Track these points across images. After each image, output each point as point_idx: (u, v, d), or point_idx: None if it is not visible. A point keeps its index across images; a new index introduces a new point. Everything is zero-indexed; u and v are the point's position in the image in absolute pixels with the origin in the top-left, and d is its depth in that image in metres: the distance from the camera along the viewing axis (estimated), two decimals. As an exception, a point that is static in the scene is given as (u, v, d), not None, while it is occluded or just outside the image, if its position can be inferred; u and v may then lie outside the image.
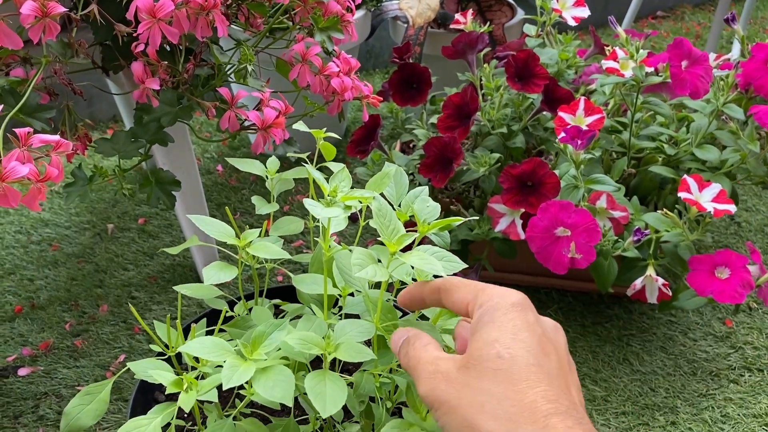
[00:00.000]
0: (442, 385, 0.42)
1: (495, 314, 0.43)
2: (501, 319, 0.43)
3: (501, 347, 0.41)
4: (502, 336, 0.42)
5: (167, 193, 0.87)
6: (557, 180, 0.96)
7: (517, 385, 0.39)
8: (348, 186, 0.59)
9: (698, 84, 1.01)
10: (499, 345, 0.41)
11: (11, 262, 1.34)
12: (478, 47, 1.17)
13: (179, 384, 0.53)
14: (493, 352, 0.41)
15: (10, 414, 1.03)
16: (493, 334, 0.42)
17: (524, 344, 0.41)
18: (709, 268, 0.96)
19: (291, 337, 0.50)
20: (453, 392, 0.41)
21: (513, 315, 0.43)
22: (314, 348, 0.50)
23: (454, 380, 0.42)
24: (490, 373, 0.40)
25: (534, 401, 0.38)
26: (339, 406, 0.47)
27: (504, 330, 0.42)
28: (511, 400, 0.39)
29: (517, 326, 0.42)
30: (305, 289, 0.60)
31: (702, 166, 1.10)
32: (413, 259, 0.48)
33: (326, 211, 0.52)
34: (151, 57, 0.76)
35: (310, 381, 0.48)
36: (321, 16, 0.86)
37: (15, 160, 0.59)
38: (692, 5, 2.90)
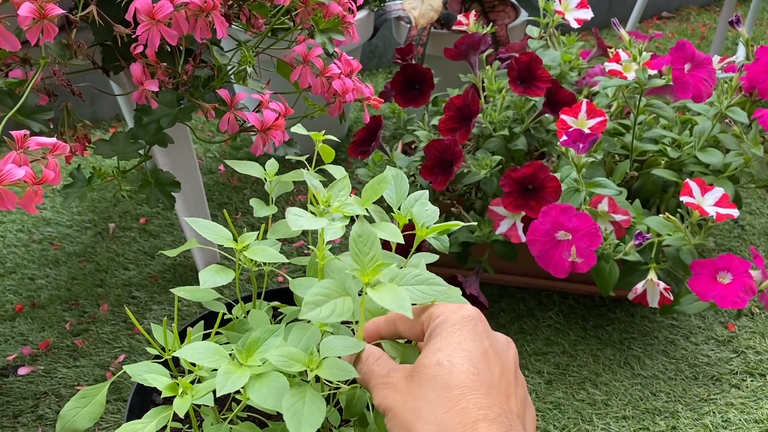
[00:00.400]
0: (391, 393, 0.44)
1: (443, 326, 0.45)
2: (448, 330, 0.45)
3: (442, 355, 0.43)
4: (445, 345, 0.44)
5: (167, 194, 0.87)
6: (558, 184, 0.96)
7: (452, 392, 0.41)
8: (347, 194, 0.59)
9: (701, 87, 1.00)
10: (441, 354, 0.43)
11: (12, 261, 1.34)
12: (480, 48, 1.16)
13: (174, 388, 0.53)
14: (434, 360, 0.43)
15: (10, 413, 1.03)
16: (437, 344, 0.44)
17: (466, 353, 0.43)
18: (711, 272, 0.96)
19: (273, 354, 0.49)
20: (398, 399, 0.43)
21: (461, 326, 0.45)
22: (296, 365, 0.49)
23: (400, 389, 0.44)
24: (429, 379, 0.42)
25: (465, 408, 0.40)
26: (315, 428, 0.46)
27: (449, 340, 0.44)
28: (444, 407, 0.40)
29: (463, 336, 0.44)
30: (302, 293, 0.59)
31: (705, 169, 1.10)
32: (386, 298, 0.46)
33: (310, 222, 0.51)
34: (150, 58, 0.75)
35: (288, 399, 0.47)
36: (322, 17, 0.86)
37: (11, 162, 0.59)
38: (698, 6, 2.88)
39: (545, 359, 1.13)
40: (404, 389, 0.44)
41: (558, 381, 1.09)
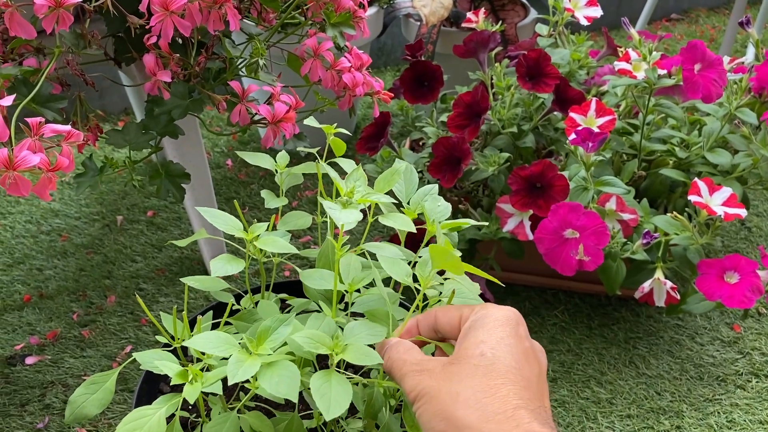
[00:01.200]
0: (426, 379, 0.44)
1: (486, 320, 0.46)
2: (491, 325, 0.46)
3: (486, 347, 0.44)
4: (488, 338, 0.45)
5: (177, 185, 0.87)
6: (566, 183, 0.96)
7: (494, 381, 0.42)
8: (363, 185, 0.59)
9: (711, 88, 1.00)
10: (484, 345, 0.44)
11: (21, 252, 1.34)
12: (489, 46, 1.16)
13: (184, 375, 0.53)
14: (477, 351, 0.44)
15: (17, 402, 1.03)
16: (480, 336, 0.45)
17: (509, 349, 0.44)
18: (718, 272, 0.96)
19: (300, 335, 0.50)
20: (434, 384, 0.44)
21: (504, 323, 0.46)
22: (322, 347, 0.50)
23: (437, 375, 0.44)
24: (471, 368, 0.43)
25: (506, 395, 0.41)
26: (344, 408, 0.47)
27: (492, 334, 0.45)
28: (485, 392, 0.41)
29: (506, 333, 0.45)
30: (312, 284, 0.60)
31: (713, 169, 1.10)
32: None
33: (346, 214, 0.51)
34: (163, 49, 0.76)
35: (316, 381, 0.48)
36: (333, 11, 0.86)
37: (26, 149, 0.59)
38: (707, 8, 2.88)
39: (550, 357, 1.13)
40: (441, 376, 0.44)
41: (563, 379, 1.09)
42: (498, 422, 0.40)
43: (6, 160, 0.58)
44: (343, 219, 0.51)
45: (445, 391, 0.43)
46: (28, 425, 1.00)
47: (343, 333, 0.53)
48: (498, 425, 0.40)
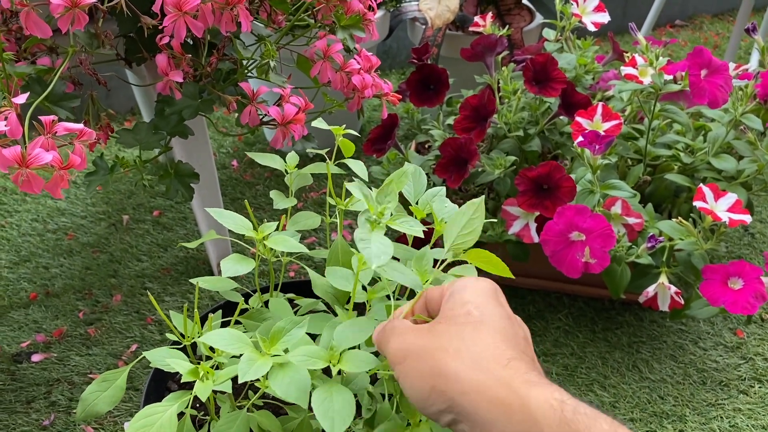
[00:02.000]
0: (411, 338, 0.43)
1: (467, 287, 0.46)
2: (472, 289, 0.45)
3: (471, 307, 0.43)
4: (473, 299, 0.44)
5: (186, 185, 0.88)
6: (573, 184, 0.96)
7: (484, 335, 0.41)
8: (394, 203, 0.58)
9: (717, 93, 1.01)
10: (470, 305, 0.43)
11: (27, 250, 1.35)
12: (496, 50, 1.17)
13: (195, 373, 0.54)
14: (463, 311, 0.43)
15: (23, 399, 1.04)
16: (466, 297, 0.44)
17: (495, 311, 0.44)
18: (722, 278, 0.96)
19: (293, 355, 0.49)
20: (420, 342, 0.43)
21: (485, 289, 0.45)
22: (318, 362, 0.50)
23: (423, 333, 0.43)
24: (459, 325, 0.42)
25: (498, 347, 0.40)
26: (347, 423, 0.47)
27: (477, 295, 0.44)
28: (478, 346, 0.41)
29: (489, 297, 0.45)
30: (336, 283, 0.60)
31: (718, 175, 1.10)
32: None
33: (377, 248, 0.49)
34: (175, 50, 0.77)
35: (318, 396, 0.48)
36: (343, 14, 0.87)
37: (39, 147, 0.60)
38: (711, 15, 2.88)
39: (554, 360, 1.14)
40: (428, 334, 0.43)
41: (566, 382, 1.10)
42: (493, 372, 0.39)
43: (19, 157, 0.59)
44: (374, 256, 0.48)
45: (434, 347, 0.42)
46: (33, 422, 1.00)
47: (335, 340, 0.53)
48: (493, 375, 0.39)
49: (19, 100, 0.62)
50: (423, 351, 0.42)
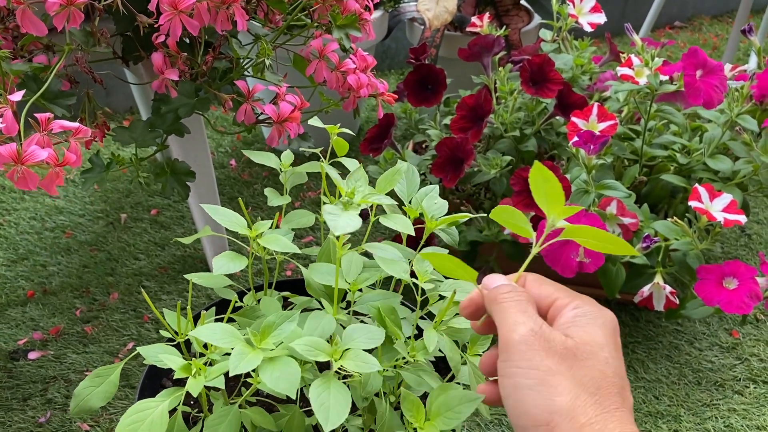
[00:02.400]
0: (542, 352, 0.43)
1: (598, 320, 0.45)
2: (606, 328, 0.45)
3: (608, 355, 0.44)
4: (607, 344, 0.44)
5: (182, 183, 0.88)
6: (568, 184, 0.96)
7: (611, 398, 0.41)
8: (365, 184, 0.60)
9: (712, 94, 1.01)
10: (605, 352, 0.44)
11: (25, 248, 1.35)
12: (493, 50, 1.17)
13: (188, 369, 0.54)
14: (603, 356, 0.43)
15: (20, 396, 1.04)
16: (599, 339, 0.44)
17: (619, 362, 0.44)
18: (717, 277, 0.96)
19: (298, 343, 0.50)
20: (552, 365, 0.42)
21: (614, 330, 0.46)
22: (321, 354, 0.50)
23: (555, 355, 0.43)
24: (593, 369, 0.42)
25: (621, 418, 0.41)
26: (343, 418, 0.47)
27: (609, 339, 0.45)
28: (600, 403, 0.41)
29: (616, 339, 0.45)
30: (318, 278, 0.60)
31: (714, 176, 1.10)
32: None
33: (344, 221, 0.51)
34: (171, 48, 0.77)
35: (315, 389, 0.48)
36: (339, 13, 0.87)
37: (35, 144, 0.60)
38: (710, 16, 2.89)
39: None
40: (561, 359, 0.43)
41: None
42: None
43: (15, 154, 0.59)
44: (341, 227, 0.50)
45: (570, 374, 0.42)
46: (30, 419, 1.00)
47: (343, 337, 0.54)
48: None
49: (15, 98, 0.62)
50: (551, 379, 0.42)
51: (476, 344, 0.64)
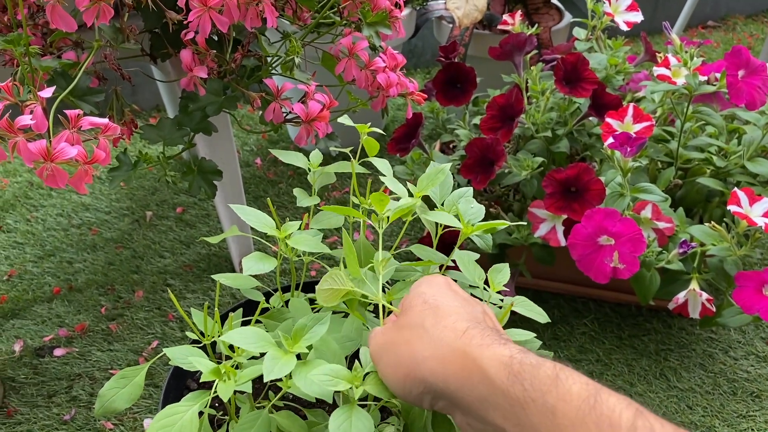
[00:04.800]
0: (380, 336, 0.48)
1: (422, 280, 0.52)
2: (428, 281, 0.51)
3: (428, 296, 0.48)
4: (428, 290, 0.49)
5: (209, 182, 0.87)
6: (602, 187, 0.94)
7: (441, 319, 0.46)
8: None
9: (755, 95, 0.98)
10: (426, 295, 0.48)
11: (52, 244, 1.36)
12: (525, 49, 1.15)
13: (217, 373, 0.53)
14: (419, 300, 0.48)
15: (45, 393, 1.04)
16: (420, 289, 0.50)
17: (449, 296, 0.49)
18: (756, 285, 0.93)
19: (317, 373, 0.48)
20: (388, 337, 0.48)
21: (437, 281, 0.51)
22: (341, 383, 0.49)
23: (389, 329, 0.48)
24: (419, 313, 0.47)
25: (454, 323, 0.45)
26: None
27: (430, 287, 0.50)
28: (436, 327, 0.45)
29: (442, 286, 0.50)
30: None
31: (752, 179, 1.07)
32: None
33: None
34: (200, 45, 0.76)
35: (335, 420, 0.47)
36: (370, 10, 0.86)
37: (64, 141, 0.60)
38: (745, 15, 2.82)
39: (579, 366, 1.11)
40: (392, 329, 0.48)
41: (591, 389, 1.07)
42: (451, 344, 0.43)
43: (44, 151, 0.58)
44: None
45: (400, 338, 0.46)
46: (54, 416, 1.00)
47: (361, 360, 0.52)
48: (451, 347, 0.43)
49: (45, 94, 0.61)
50: (392, 344, 0.47)
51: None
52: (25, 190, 1.53)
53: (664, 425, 0.35)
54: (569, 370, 0.39)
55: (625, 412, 0.36)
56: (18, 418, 1.00)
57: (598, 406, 0.36)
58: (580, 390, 0.37)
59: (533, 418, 0.38)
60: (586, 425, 0.35)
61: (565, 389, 0.37)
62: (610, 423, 0.35)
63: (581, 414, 0.36)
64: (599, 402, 0.36)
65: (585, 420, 0.36)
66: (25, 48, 0.63)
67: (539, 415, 0.37)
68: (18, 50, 0.62)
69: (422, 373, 0.44)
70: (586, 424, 0.35)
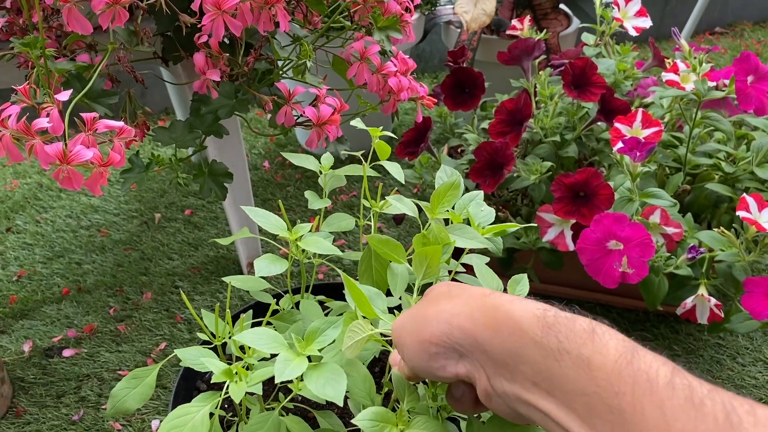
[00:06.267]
0: (402, 317, 0.47)
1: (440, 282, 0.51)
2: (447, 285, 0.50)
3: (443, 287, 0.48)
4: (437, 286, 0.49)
5: (220, 184, 0.88)
6: (611, 191, 0.94)
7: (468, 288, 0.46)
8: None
9: (764, 100, 0.98)
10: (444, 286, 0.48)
11: (61, 246, 1.37)
12: (534, 54, 1.15)
13: (229, 374, 0.53)
14: (434, 290, 0.48)
15: (53, 393, 1.05)
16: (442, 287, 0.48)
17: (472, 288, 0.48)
18: (765, 290, 0.93)
19: (361, 418, 0.47)
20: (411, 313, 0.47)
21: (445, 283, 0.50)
22: (387, 427, 0.48)
23: (410, 309, 0.47)
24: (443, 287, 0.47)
25: (482, 288, 0.45)
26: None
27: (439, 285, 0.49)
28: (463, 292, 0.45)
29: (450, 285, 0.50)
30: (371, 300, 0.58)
31: (761, 185, 1.07)
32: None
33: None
34: (213, 48, 0.76)
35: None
36: (380, 15, 0.86)
37: (80, 144, 0.60)
38: (752, 22, 2.82)
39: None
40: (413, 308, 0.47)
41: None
42: (478, 301, 0.43)
43: (61, 154, 0.59)
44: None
45: (423, 309, 0.45)
46: (63, 417, 1.01)
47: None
48: (479, 303, 0.42)
49: (62, 97, 0.62)
50: (415, 314, 0.46)
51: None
52: (34, 191, 1.54)
53: (701, 383, 0.34)
54: (605, 326, 0.38)
55: (662, 368, 0.35)
56: (27, 418, 1.01)
57: (636, 362, 0.35)
58: (617, 345, 0.36)
59: (567, 370, 0.36)
60: (623, 379, 0.34)
61: (601, 343, 0.36)
62: (648, 378, 0.34)
63: (618, 368, 0.35)
64: (636, 358, 0.35)
65: (622, 374, 0.34)
66: (41, 51, 0.63)
67: (574, 368, 0.36)
68: (34, 53, 0.63)
69: (449, 330, 0.42)
70: (623, 378, 0.34)
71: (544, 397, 0.38)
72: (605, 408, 0.34)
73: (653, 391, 0.34)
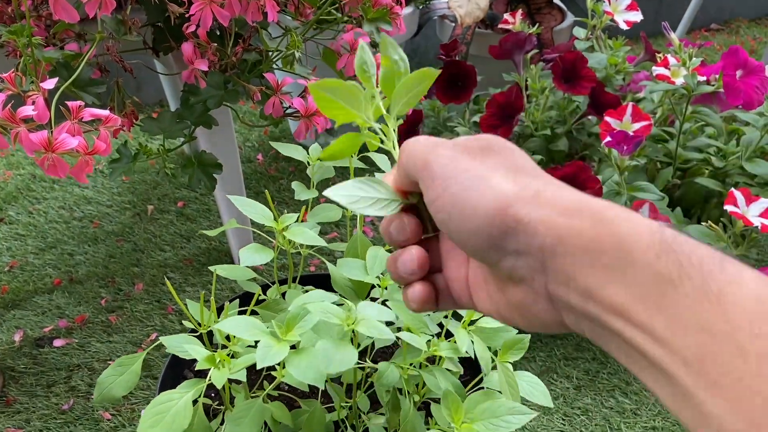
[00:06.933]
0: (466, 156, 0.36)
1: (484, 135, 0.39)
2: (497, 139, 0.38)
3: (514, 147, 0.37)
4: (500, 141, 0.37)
5: (209, 175, 0.88)
6: (600, 185, 0.94)
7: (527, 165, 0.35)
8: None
9: (752, 94, 0.98)
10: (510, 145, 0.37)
11: (53, 236, 1.37)
12: (525, 48, 1.15)
13: (212, 360, 0.53)
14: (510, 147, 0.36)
15: (44, 383, 1.05)
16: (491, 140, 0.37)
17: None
18: (752, 285, 0.93)
19: (313, 306, 0.50)
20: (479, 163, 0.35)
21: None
22: (334, 318, 0.50)
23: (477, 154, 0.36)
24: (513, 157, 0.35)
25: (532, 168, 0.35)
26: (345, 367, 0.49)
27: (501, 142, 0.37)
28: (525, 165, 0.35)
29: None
30: (347, 272, 0.59)
31: (750, 180, 1.07)
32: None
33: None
34: (201, 38, 0.77)
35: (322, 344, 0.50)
36: (371, 7, 0.86)
37: (65, 132, 0.60)
38: (748, 19, 2.82)
39: (575, 364, 1.12)
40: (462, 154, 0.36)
41: (587, 387, 1.08)
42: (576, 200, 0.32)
43: (46, 141, 0.59)
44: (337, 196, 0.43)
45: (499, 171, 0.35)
46: (53, 406, 1.01)
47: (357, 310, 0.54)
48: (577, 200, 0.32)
49: (48, 85, 0.62)
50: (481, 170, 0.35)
51: (509, 351, 0.62)
52: (27, 182, 1.54)
53: None
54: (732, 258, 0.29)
55: None
56: (17, 407, 1.01)
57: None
58: (754, 276, 0.27)
59: (686, 299, 0.27)
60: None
61: (735, 270, 0.28)
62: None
63: (762, 305, 0.26)
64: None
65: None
66: (28, 39, 0.64)
67: (698, 298, 0.27)
68: (21, 41, 0.63)
69: (528, 217, 0.32)
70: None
71: (635, 327, 0.29)
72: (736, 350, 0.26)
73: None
